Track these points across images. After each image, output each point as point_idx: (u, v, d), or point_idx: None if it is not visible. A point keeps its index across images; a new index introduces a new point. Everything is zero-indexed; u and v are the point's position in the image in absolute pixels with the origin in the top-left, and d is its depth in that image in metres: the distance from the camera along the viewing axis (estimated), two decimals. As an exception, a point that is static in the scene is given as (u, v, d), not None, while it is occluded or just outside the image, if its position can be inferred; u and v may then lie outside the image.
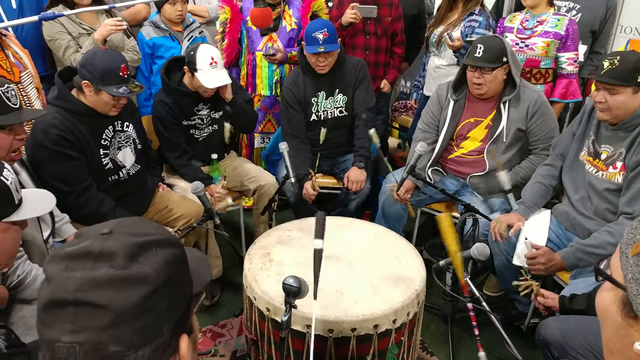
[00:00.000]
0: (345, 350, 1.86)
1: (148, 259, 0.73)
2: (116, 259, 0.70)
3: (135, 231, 0.76)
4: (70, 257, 0.72)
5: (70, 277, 0.69)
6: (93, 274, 0.69)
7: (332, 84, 3.14)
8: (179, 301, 0.77)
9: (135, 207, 2.59)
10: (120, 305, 0.68)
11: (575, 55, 3.14)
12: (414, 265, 2.12)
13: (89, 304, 0.68)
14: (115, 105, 2.33)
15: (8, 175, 1.40)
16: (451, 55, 3.34)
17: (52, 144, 2.21)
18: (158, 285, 0.72)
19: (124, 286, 0.69)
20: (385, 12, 3.46)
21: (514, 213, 2.52)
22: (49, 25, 2.96)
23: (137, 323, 0.69)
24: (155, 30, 3.32)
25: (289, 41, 3.49)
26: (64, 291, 0.68)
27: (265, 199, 2.89)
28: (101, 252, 0.71)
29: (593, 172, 2.33)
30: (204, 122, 2.97)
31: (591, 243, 2.19)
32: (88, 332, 0.67)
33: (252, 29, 3.43)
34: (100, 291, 0.68)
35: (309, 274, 1.66)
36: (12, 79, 2.49)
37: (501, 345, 1.93)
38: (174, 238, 0.81)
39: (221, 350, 2.57)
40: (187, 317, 0.79)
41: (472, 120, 2.83)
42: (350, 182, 3.07)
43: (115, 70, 2.26)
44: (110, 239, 0.73)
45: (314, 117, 3.19)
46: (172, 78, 2.87)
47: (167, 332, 0.73)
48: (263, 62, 3.46)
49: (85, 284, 0.68)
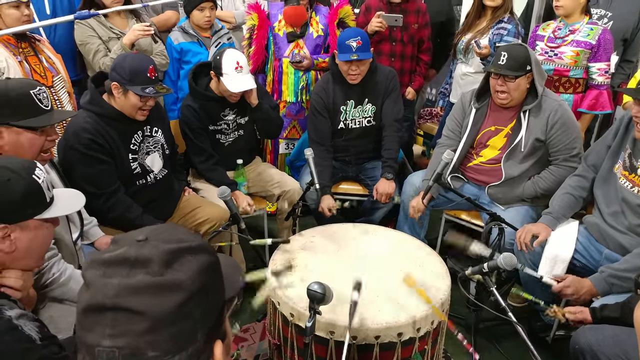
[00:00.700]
0: (369, 358, 1.85)
1: (183, 266, 0.75)
2: (152, 266, 0.72)
3: (169, 238, 0.78)
4: (107, 263, 0.74)
5: (108, 283, 0.71)
6: (130, 281, 0.71)
7: (362, 93, 3.13)
8: (213, 307, 0.78)
9: (161, 211, 2.62)
10: (157, 311, 0.70)
11: (606, 66, 3.08)
12: (438, 273, 2.10)
13: (127, 309, 0.70)
14: (142, 107, 2.37)
15: (40, 174, 1.43)
16: (478, 62, 3.31)
17: (83, 147, 2.25)
18: (193, 292, 0.73)
19: (160, 292, 0.71)
20: (412, 20, 3.46)
21: (541, 223, 2.48)
22: (81, 29, 3.03)
23: (173, 329, 0.71)
24: (183, 35, 3.36)
25: (315, 48, 3.50)
26: (103, 297, 0.70)
27: (290, 204, 2.90)
28: (137, 258, 0.73)
29: (628, 187, 2.26)
30: (230, 127, 3.00)
31: (624, 267, 2.11)
32: (127, 337, 0.69)
33: (279, 35, 3.46)
34: (138, 297, 0.70)
35: (333, 280, 1.67)
36: (45, 83, 2.56)
37: (526, 356, 1.90)
38: (207, 245, 0.83)
39: (244, 355, 2.58)
40: (221, 323, 0.81)
41: (492, 129, 2.81)
42: (379, 195, 3.09)
43: (143, 71, 2.31)
44: (146, 245, 0.75)
45: (341, 125, 3.19)
46: (199, 83, 2.91)
47: (202, 338, 0.75)
48: (289, 69, 3.49)
49: (123, 290, 0.70)
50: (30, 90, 1.82)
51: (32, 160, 1.82)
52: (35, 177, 1.40)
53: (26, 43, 2.56)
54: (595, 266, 2.34)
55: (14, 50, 2.49)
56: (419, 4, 3.51)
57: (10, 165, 1.38)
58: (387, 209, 3.19)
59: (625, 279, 2.08)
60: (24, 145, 1.82)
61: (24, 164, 1.42)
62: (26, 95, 1.81)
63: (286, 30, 3.44)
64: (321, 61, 3.47)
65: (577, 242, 2.40)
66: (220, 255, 0.86)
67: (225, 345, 0.81)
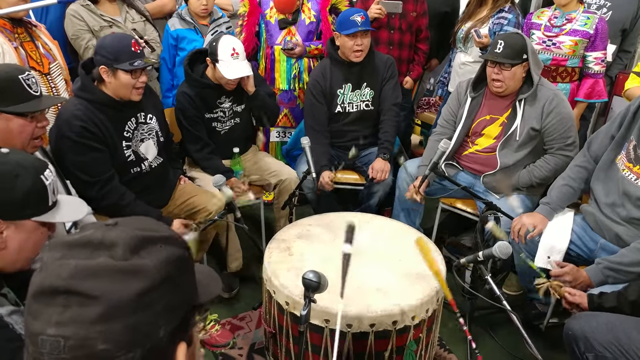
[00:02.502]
0: (364, 346, 1.86)
1: (151, 254, 0.69)
2: (116, 250, 0.67)
3: (142, 226, 0.73)
4: (69, 245, 0.68)
5: (64, 264, 0.65)
6: (89, 263, 0.65)
7: (360, 76, 3.13)
8: (179, 305, 0.72)
9: (156, 200, 2.61)
10: (113, 297, 0.64)
11: (603, 55, 3.08)
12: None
13: (80, 293, 0.63)
14: (135, 85, 2.32)
15: (49, 175, 1.41)
16: (478, 51, 3.30)
17: (75, 135, 2.23)
18: (157, 281, 0.67)
19: (120, 278, 0.65)
20: (411, 7, 3.44)
21: (537, 213, 2.47)
22: (71, 22, 3.01)
23: (130, 319, 0.64)
24: (180, 22, 3.34)
25: (307, 34, 3.47)
26: (57, 278, 0.64)
27: (286, 193, 2.90)
28: (102, 241, 0.68)
29: (632, 179, 2.22)
30: (226, 115, 2.98)
31: (620, 261, 2.10)
32: (76, 325, 0.63)
33: (270, 22, 3.43)
34: (95, 280, 0.64)
35: (328, 269, 1.67)
36: (42, 70, 2.51)
37: (520, 344, 1.92)
38: (182, 240, 0.77)
39: (239, 343, 2.59)
40: (188, 327, 0.74)
41: (487, 118, 2.80)
42: (374, 172, 3.07)
43: (127, 46, 2.27)
44: (114, 229, 0.70)
45: (338, 109, 3.19)
46: (195, 70, 2.88)
47: (165, 337, 0.68)
48: (281, 56, 3.46)
49: (79, 272, 0.64)
50: (18, 76, 1.80)
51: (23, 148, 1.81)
52: (42, 178, 1.39)
53: (22, 28, 2.51)
54: (589, 256, 2.35)
55: (9, 35, 2.45)
56: None
57: (23, 162, 1.37)
58: (383, 192, 3.17)
59: (622, 272, 2.08)
60: (14, 131, 1.80)
61: (35, 163, 1.41)
62: (14, 80, 1.79)
63: (278, 17, 3.41)
64: (313, 48, 3.45)
65: (572, 232, 2.40)
66: (199, 265, 0.82)
67: (190, 353, 0.74)
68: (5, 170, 1.33)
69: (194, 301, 0.76)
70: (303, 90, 3.50)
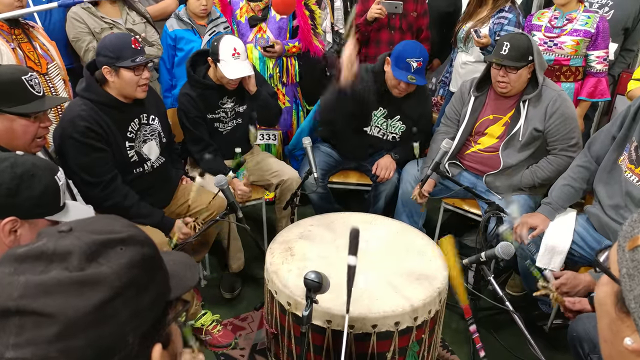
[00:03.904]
0: (366, 347, 1.85)
1: (109, 260, 0.65)
2: (71, 260, 0.63)
3: (100, 229, 0.69)
4: (21, 258, 0.64)
5: (14, 282, 0.61)
6: (40, 278, 0.61)
7: (397, 106, 3.05)
8: (148, 307, 0.68)
9: (158, 200, 2.61)
10: (69, 313, 0.60)
11: (605, 54, 3.07)
12: (436, 263, 2.10)
13: (34, 312, 0.60)
14: (138, 82, 2.32)
15: (61, 177, 1.45)
16: (479, 51, 3.30)
17: (80, 135, 2.23)
18: (119, 288, 0.64)
19: (76, 291, 0.61)
20: (411, 7, 3.43)
21: (538, 214, 2.46)
22: (72, 24, 3.01)
23: (91, 334, 0.61)
24: (178, 22, 3.34)
25: (279, 31, 3.43)
26: (7, 298, 0.60)
27: (288, 193, 2.89)
28: (55, 251, 0.64)
29: (634, 180, 2.20)
30: (228, 116, 2.98)
31: None
32: (34, 346, 0.59)
33: (241, 22, 3.41)
34: (47, 298, 0.60)
35: (330, 269, 1.66)
36: (40, 70, 2.53)
37: (523, 345, 1.90)
38: (145, 236, 0.73)
39: (241, 343, 2.59)
40: (162, 326, 0.70)
41: (491, 117, 2.80)
42: (379, 169, 3.04)
43: (127, 43, 2.28)
44: (68, 237, 0.66)
45: (366, 129, 3.13)
46: (197, 71, 2.88)
47: (135, 342, 0.65)
48: (253, 54, 3.40)
49: (30, 290, 0.61)
50: (21, 77, 1.82)
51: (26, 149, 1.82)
52: (56, 178, 1.43)
53: (19, 29, 2.52)
54: (593, 256, 2.33)
55: (7, 37, 2.45)
56: None
57: (39, 163, 1.41)
58: (390, 190, 3.12)
59: None
60: (17, 132, 1.82)
61: (48, 165, 1.45)
62: (17, 81, 1.80)
63: (247, 16, 3.39)
64: (292, 46, 3.41)
65: (575, 233, 2.38)
66: (174, 252, 0.78)
67: (170, 352, 0.71)
68: (24, 170, 1.37)
69: (166, 298, 0.73)
70: (282, 91, 3.47)
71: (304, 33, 3.40)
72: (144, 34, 3.18)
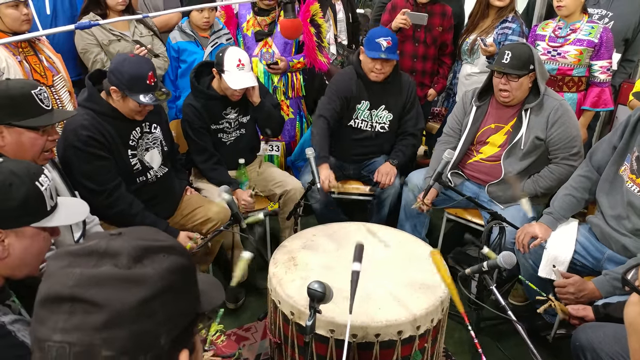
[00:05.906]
0: (369, 356, 1.85)
1: (153, 263, 0.71)
2: (120, 259, 0.69)
3: (145, 236, 0.75)
4: (74, 254, 0.70)
5: (69, 273, 0.67)
6: (93, 271, 0.67)
7: (381, 96, 3.11)
8: (181, 313, 0.73)
9: (163, 210, 2.63)
10: (117, 305, 0.65)
11: (608, 64, 3.10)
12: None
13: (85, 301, 0.65)
14: (140, 112, 2.38)
15: (44, 181, 1.40)
16: (483, 62, 3.32)
17: (82, 144, 2.26)
18: (159, 289, 0.69)
19: (123, 286, 0.67)
20: (437, 22, 3.47)
21: (540, 224, 2.47)
22: (80, 36, 3.06)
23: (133, 327, 0.66)
24: (181, 34, 3.39)
25: (285, 46, 3.47)
26: (62, 286, 0.66)
27: (291, 204, 2.91)
28: (106, 250, 0.69)
29: (635, 191, 2.21)
30: (232, 126, 3.00)
31: None
32: (80, 332, 0.64)
33: (247, 35, 3.45)
34: (99, 289, 0.66)
35: (333, 279, 1.67)
36: (46, 83, 2.57)
37: (526, 355, 1.90)
38: (185, 250, 0.79)
39: (245, 354, 2.59)
40: (190, 335, 0.76)
41: (493, 126, 2.81)
42: (380, 175, 3.06)
43: (142, 78, 2.29)
44: (118, 239, 0.72)
45: (351, 123, 3.18)
46: (202, 82, 2.91)
47: (166, 345, 0.69)
48: (258, 68, 3.44)
49: (84, 280, 0.66)
50: (31, 90, 1.84)
51: (34, 161, 1.84)
52: (37, 184, 1.37)
53: (26, 42, 2.57)
54: (595, 266, 2.33)
55: (13, 50, 2.50)
56: (445, 8, 3.51)
57: (16, 170, 1.35)
58: (393, 197, 3.13)
59: None
60: (26, 145, 1.84)
61: (29, 169, 1.39)
62: (27, 95, 1.82)
63: (254, 30, 3.43)
64: (296, 62, 3.46)
65: (577, 242, 2.38)
66: (203, 274, 0.83)
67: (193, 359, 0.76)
68: (0, 180, 1.32)
69: (196, 310, 0.77)
70: (286, 103, 3.51)
71: (309, 50, 3.43)
72: (150, 45, 3.21)
